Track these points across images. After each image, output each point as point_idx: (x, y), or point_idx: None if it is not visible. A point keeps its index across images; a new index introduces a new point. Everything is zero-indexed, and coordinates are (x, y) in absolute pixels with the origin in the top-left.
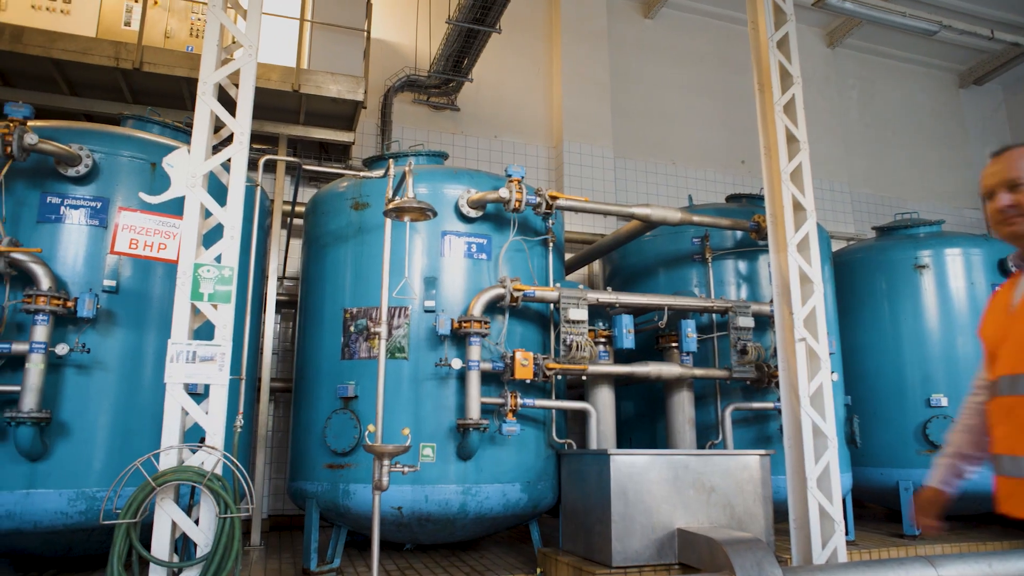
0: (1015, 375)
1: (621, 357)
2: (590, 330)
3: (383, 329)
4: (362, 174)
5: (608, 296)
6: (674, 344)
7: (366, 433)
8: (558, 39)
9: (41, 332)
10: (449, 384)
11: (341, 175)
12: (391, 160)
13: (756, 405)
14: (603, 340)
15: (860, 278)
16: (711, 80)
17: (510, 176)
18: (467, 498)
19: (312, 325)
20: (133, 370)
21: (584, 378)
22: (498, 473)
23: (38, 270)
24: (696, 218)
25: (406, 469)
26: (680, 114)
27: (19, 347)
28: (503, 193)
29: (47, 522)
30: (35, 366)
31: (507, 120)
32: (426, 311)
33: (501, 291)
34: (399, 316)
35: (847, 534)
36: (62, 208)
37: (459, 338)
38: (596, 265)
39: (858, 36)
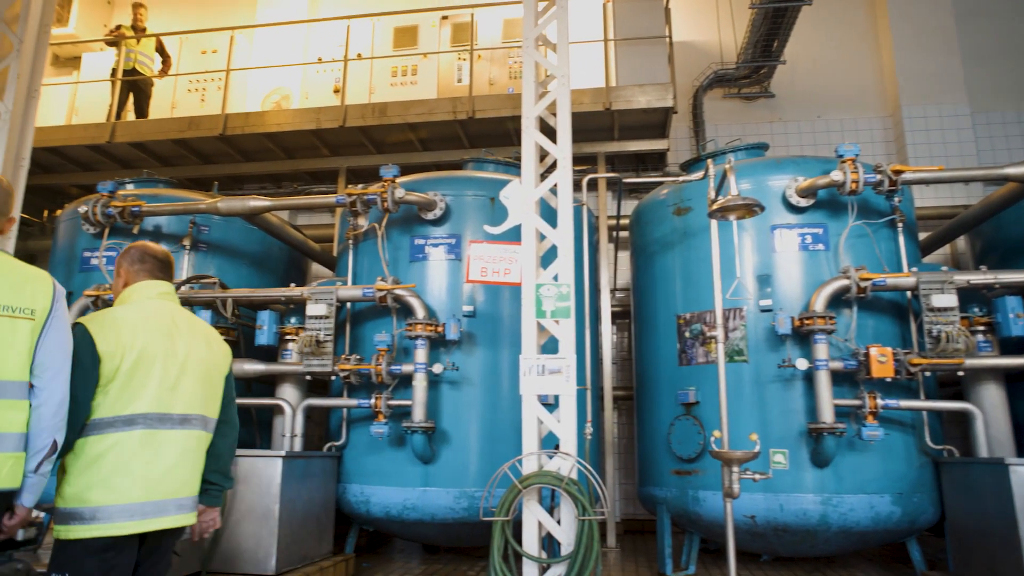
0: None
1: (1009, 347)
2: (962, 318)
3: (719, 332)
4: (681, 179)
5: (982, 276)
6: None
7: (711, 439)
8: None
9: (421, 354)
10: (795, 386)
11: (660, 183)
12: (709, 160)
13: None
14: (981, 328)
15: None
16: None
17: (842, 156)
18: (827, 509)
19: (647, 333)
20: (492, 384)
21: (961, 374)
22: (862, 482)
23: (415, 302)
24: None
25: (757, 476)
26: None
27: (407, 368)
28: (836, 176)
29: (440, 515)
30: (420, 383)
31: (829, 97)
32: (762, 310)
33: (845, 282)
34: (734, 318)
35: None
36: (426, 247)
37: (801, 336)
38: (961, 242)
39: None
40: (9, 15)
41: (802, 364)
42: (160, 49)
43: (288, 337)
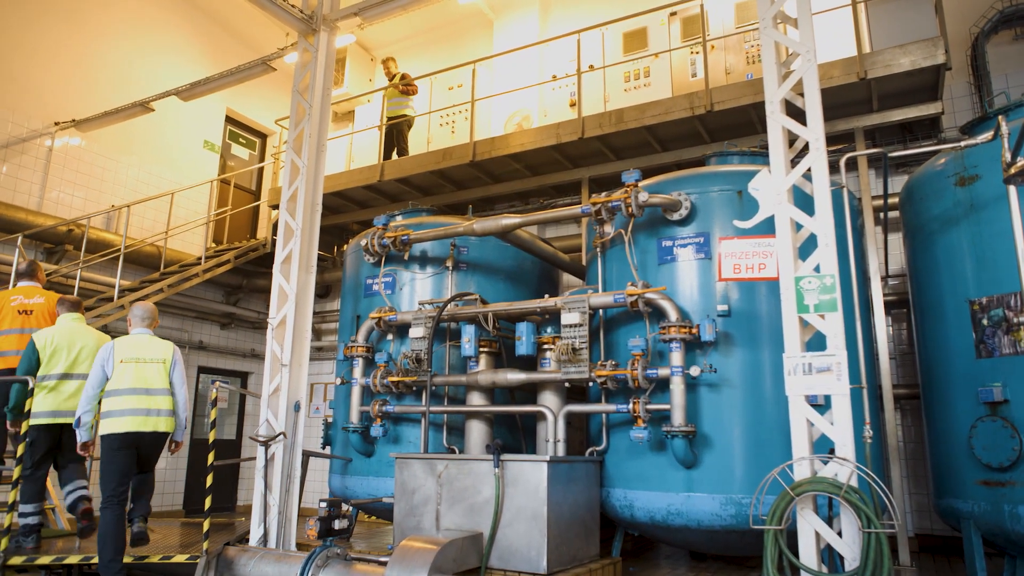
0: None
1: None
2: None
3: None
4: (963, 144)
5: None
6: None
7: None
8: None
9: (677, 357)
10: None
11: (935, 152)
12: (1000, 117)
13: None
14: None
15: None
16: None
17: None
18: None
19: (931, 323)
20: (753, 385)
21: None
22: None
23: (666, 305)
24: None
25: None
26: None
27: (663, 371)
28: None
29: (706, 522)
30: (677, 387)
31: None
32: None
33: None
34: None
35: None
36: (674, 249)
37: None
38: None
39: None
40: (301, 86)
41: None
42: (403, 79)
43: (545, 346)
